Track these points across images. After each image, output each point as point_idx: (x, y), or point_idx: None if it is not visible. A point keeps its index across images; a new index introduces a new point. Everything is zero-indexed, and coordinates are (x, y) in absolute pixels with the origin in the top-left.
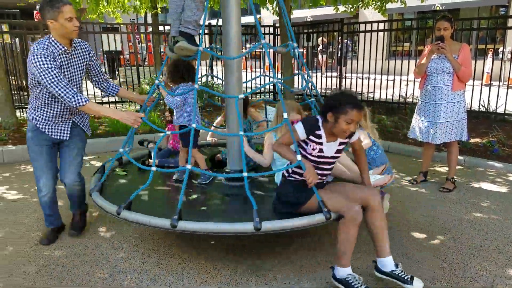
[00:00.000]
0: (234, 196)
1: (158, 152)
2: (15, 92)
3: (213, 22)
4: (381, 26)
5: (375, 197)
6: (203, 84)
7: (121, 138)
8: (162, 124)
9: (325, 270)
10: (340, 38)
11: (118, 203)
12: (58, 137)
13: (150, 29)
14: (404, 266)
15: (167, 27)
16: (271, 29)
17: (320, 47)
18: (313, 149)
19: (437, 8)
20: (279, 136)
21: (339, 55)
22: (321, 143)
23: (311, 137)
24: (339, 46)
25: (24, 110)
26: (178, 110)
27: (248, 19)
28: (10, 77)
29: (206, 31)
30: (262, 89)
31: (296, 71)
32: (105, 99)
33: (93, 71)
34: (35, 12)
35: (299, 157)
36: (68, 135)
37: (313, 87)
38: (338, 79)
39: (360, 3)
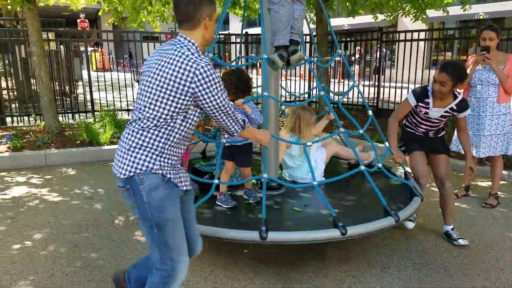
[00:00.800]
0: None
1: None
2: (58, 98)
3: (249, 31)
4: (422, 35)
5: (448, 183)
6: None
7: None
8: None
9: (360, 283)
10: (379, 47)
11: None
12: (186, 187)
13: None
14: (445, 282)
15: None
16: (308, 38)
17: (357, 56)
18: (420, 111)
19: (481, 17)
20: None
21: (377, 64)
22: (427, 108)
23: (420, 103)
24: (378, 55)
25: (65, 115)
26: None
27: None
28: (54, 82)
29: (243, 40)
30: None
31: (331, 80)
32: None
33: None
34: (78, 20)
35: (387, 143)
36: (189, 183)
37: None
38: (376, 88)
39: (400, 12)
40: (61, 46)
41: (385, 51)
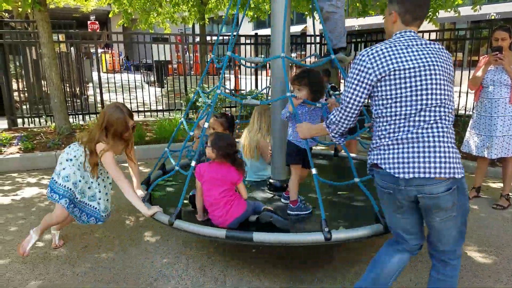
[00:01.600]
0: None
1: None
2: (69, 99)
3: (258, 32)
4: (433, 35)
5: None
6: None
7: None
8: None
9: None
10: None
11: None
12: None
13: (197, 39)
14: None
15: (214, 38)
16: (318, 39)
17: None
18: None
19: (492, 17)
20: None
21: None
22: None
23: None
24: None
25: (76, 116)
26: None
27: (292, 29)
28: (64, 84)
29: (253, 41)
30: None
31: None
32: (153, 106)
33: None
34: (89, 22)
35: None
36: None
37: None
38: None
39: None
40: (72, 48)
41: None
